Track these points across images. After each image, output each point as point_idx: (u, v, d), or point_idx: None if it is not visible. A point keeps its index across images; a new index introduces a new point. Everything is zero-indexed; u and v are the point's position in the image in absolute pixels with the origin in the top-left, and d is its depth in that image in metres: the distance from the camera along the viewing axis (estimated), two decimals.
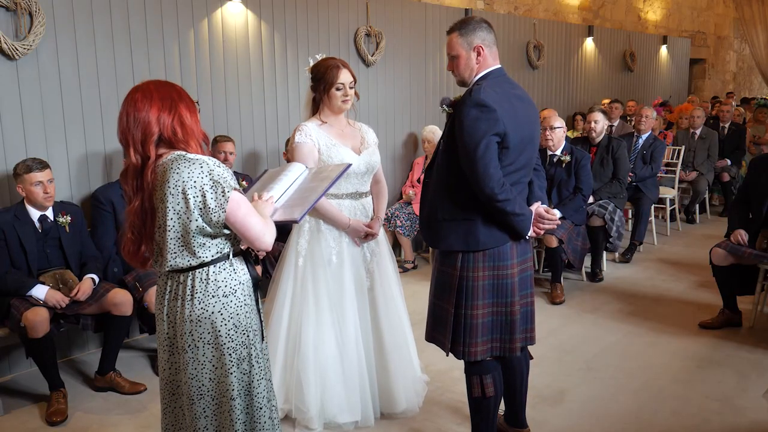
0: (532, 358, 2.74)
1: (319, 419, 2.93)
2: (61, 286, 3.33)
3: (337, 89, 2.87)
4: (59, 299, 3.23)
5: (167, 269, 1.93)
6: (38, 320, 3.09)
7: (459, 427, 3.01)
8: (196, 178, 1.80)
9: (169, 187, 1.81)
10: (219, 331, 1.90)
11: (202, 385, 1.93)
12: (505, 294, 2.44)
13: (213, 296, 1.90)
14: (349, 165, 2.56)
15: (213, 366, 1.92)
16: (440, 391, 3.34)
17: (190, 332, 1.90)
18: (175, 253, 1.88)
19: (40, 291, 3.22)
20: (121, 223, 1.95)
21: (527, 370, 2.70)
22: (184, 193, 1.81)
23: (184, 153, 1.86)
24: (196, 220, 1.83)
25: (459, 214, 2.39)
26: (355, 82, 2.92)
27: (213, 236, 1.88)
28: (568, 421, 3.06)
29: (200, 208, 1.82)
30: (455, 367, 3.48)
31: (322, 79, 2.88)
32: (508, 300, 2.44)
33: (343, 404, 2.93)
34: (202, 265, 1.90)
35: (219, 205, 1.82)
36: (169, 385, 2.01)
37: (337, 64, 2.89)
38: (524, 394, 2.73)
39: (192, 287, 1.90)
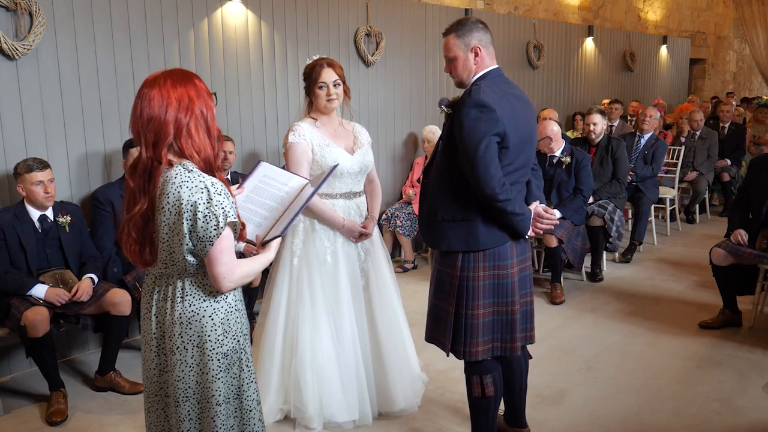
0: (531, 357, 2.75)
1: (318, 418, 2.93)
2: (60, 286, 3.33)
3: (320, 88, 2.89)
4: (60, 294, 3.22)
5: (157, 272, 1.91)
6: (38, 320, 3.09)
7: (459, 427, 3.01)
8: (194, 201, 1.75)
9: (168, 203, 1.77)
10: (208, 335, 1.87)
11: (189, 387, 1.90)
12: (506, 294, 2.44)
13: (204, 300, 1.87)
14: (335, 167, 2.52)
15: (200, 370, 1.89)
16: (440, 391, 3.34)
17: (179, 334, 1.87)
18: (165, 263, 1.85)
19: (39, 290, 3.22)
20: (120, 221, 1.89)
21: (526, 369, 2.71)
22: (179, 215, 1.76)
23: (190, 167, 1.79)
24: (187, 244, 1.79)
25: (459, 215, 2.40)
26: (342, 81, 2.93)
27: (202, 258, 1.84)
28: (568, 421, 3.06)
29: (190, 232, 1.77)
30: (455, 367, 3.48)
31: (308, 79, 2.93)
32: (509, 300, 2.45)
33: (341, 403, 2.93)
34: (193, 273, 1.87)
35: (208, 237, 1.77)
36: (154, 385, 1.98)
37: (322, 62, 2.90)
38: (524, 393, 2.74)
39: (182, 289, 1.86)
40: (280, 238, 1.99)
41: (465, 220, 2.39)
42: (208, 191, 1.76)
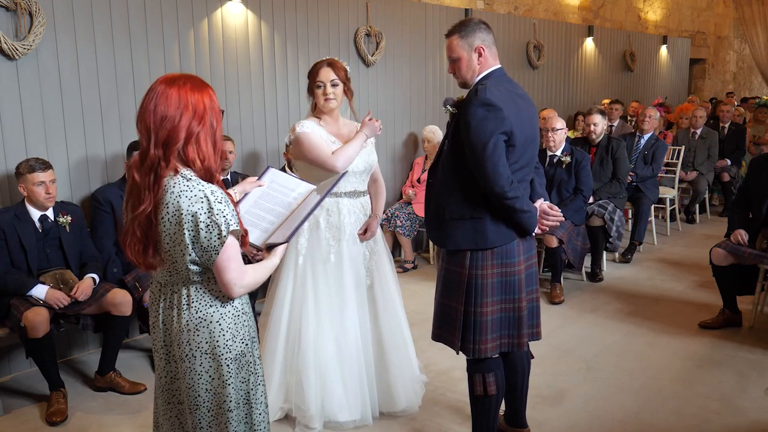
0: (533, 357, 2.75)
1: (319, 418, 2.93)
2: (61, 286, 3.33)
3: (317, 87, 2.90)
4: (59, 297, 3.22)
5: (161, 280, 1.89)
6: (38, 320, 3.09)
7: (459, 427, 3.01)
8: (195, 211, 1.72)
9: (167, 213, 1.74)
10: (217, 341, 1.85)
11: (198, 395, 1.89)
12: (513, 290, 2.47)
13: (210, 306, 1.85)
14: (344, 174, 2.51)
15: (210, 376, 1.88)
16: (441, 391, 3.34)
17: (187, 342, 1.85)
18: (169, 271, 1.84)
19: (40, 291, 3.22)
20: (120, 222, 1.85)
21: (528, 369, 2.72)
22: (179, 225, 1.73)
23: (189, 176, 1.76)
24: (190, 255, 1.77)
25: (467, 213, 2.41)
26: (343, 81, 2.91)
27: (207, 267, 1.82)
28: (568, 421, 3.06)
29: (193, 243, 1.75)
30: (456, 367, 3.48)
31: (309, 78, 2.95)
32: (516, 296, 2.48)
33: (343, 403, 2.93)
34: (197, 281, 1.86)
35: (213, 247, 1.75)
36: (166, 393, 1.97)
37: (323, 62, 2.92)
38: (525, 393, 2.74)
39: (188, 296, 1.84)
40: (286, 244, 1.97)
41: (473, 219, 2.41)
42: (208, 200, 1.73)
